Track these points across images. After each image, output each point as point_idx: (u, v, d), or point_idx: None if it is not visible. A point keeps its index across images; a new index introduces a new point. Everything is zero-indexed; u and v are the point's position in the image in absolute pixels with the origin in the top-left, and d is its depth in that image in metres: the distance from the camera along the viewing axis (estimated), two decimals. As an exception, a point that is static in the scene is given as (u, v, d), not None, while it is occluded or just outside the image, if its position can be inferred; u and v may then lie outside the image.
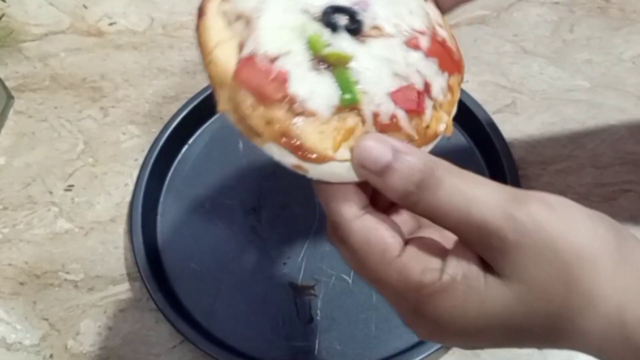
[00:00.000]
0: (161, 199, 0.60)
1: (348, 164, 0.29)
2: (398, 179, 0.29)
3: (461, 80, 0.34)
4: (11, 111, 0.66)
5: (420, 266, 0.29)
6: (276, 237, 0.57)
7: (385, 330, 0.52)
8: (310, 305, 0.54)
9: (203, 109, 0.62)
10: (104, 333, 0.54)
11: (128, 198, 0.60)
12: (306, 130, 0.29)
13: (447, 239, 0.31)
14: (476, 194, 0.28)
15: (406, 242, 0.31)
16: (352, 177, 0.30)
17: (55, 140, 0.64)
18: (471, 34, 0.68)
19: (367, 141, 0.29)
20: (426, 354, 0.50)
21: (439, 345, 0.50)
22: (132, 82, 0.67)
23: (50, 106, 0.66)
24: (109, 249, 0.58)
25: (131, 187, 0.60)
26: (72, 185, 0.62)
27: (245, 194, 0.59)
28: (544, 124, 0.63)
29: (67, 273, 0.57)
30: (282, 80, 0.29)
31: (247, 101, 0.29)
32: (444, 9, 0.40)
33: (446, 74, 0.32)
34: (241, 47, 0.30)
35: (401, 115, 0.30)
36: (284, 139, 0.28)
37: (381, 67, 0.30)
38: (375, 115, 0.29)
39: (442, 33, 0.33)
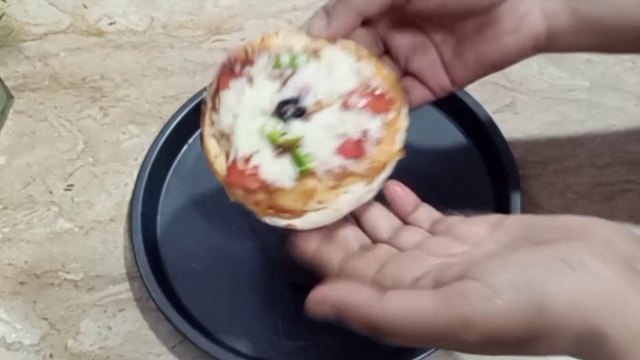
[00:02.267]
0: (161, 199, 0.60)
1: (320, 212, 0.39)
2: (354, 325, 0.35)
3: (399, 114, 0.40)
4: (11, 111, 0.66)
5: None
6: (276, 237, 0.57)
7: (385, 330, 0.52)
8: (310, 305, 0.54)
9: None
10: (104, 333, 0.55)
11: (128, 197, 0.60)
12: (282, 200, 0.39)
13: None
14: (417, 313, 0.33)
15: None
16: (326, 220, 0.39)
17: (55, 140, 0.64)
18: (471, 34, 0.68)
19: (311, 304, 0.36)
20: (426, 353, 0.50)
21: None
22: (132, 82, 0.67)
23: (50, 106, 0.66)
24: (108, 249, 0.58)
25: (131, 187, 0.60)
26: (72, 185, 0.62)
27: (245, 193, 0.59)
28: (544, 124, 0.63)
29: (67, 273, 0.57)
30: (255, 174, 0.39)
31: (239, 194, 0.40)
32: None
33: (381, 115, 0.39)
34: (228, 157, 0.40)
35: (348, 163, 0.38)
36: (270, 211, 0.39)
37: (326, 133, 0.39)
38: (329, 171, 0.38)
39: (375, 83, 0.40)
